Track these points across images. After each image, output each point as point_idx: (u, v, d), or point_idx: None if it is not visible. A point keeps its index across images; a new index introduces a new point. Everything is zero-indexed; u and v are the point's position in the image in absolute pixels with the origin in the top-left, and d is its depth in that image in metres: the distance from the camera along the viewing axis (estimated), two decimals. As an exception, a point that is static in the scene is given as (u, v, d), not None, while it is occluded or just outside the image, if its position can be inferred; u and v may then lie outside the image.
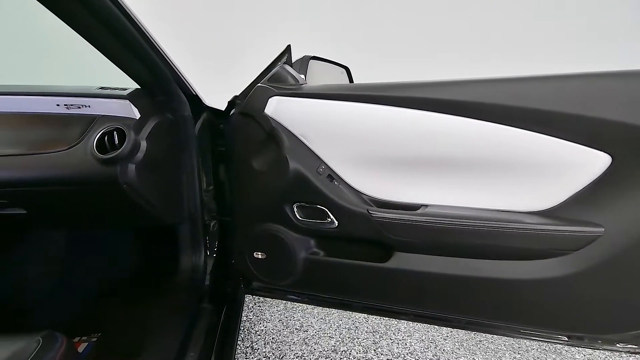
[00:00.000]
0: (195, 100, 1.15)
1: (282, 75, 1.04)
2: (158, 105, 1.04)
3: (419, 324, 1.52)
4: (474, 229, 0.88)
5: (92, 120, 0.95)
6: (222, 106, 1.24)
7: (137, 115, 0.97)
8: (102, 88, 0.99)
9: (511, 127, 0.82)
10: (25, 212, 1.00)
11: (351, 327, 1.57)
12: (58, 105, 0.97)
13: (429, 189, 0.99)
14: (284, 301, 1.70)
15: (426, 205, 0.98)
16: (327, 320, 1.61)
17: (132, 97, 0.97)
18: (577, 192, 0.84)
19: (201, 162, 1.19)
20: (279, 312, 1.67)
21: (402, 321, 1.56)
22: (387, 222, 0.97)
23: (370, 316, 1.60)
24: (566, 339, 0.97)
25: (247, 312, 1.66)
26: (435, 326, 1.51)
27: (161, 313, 1.11)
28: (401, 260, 1.01)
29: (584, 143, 0.79)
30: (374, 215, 0.98)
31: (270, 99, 1.00)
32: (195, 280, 1.23)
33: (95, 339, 1.19)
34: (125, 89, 0.99)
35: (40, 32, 1.72)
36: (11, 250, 1.28)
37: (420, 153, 0.94)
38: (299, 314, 1.66)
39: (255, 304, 1.75)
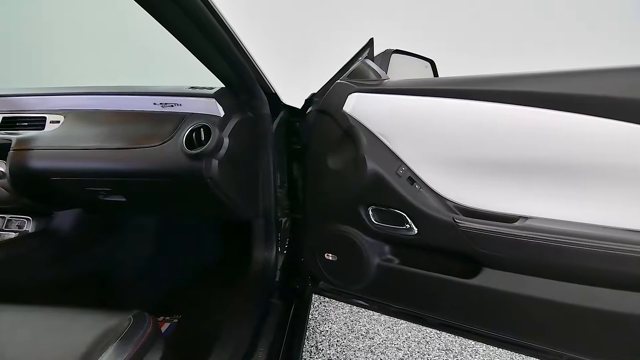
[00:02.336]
0: (274, 98, 1.16)
1: (363, 70, 0.99)
2: (240, 103, 1.07)
3: (502, 350, 1.35)
4: (592, 251, 0.73)
5: (182, 118, 1.01)
6: (298, 104, 1.24)
7: (222, 113, 1.01)
8: (192, 87, 1.05)
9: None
10: (124, 199, 1.12)
11: (421, 340, 1.46)
12: (155, 104, 1.05)
13: (530, 199, 0.85)
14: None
15: (526, 218, 0.84)
16: (394, 330, 1.52)
17: (218, 95, 1.01)
18: None
19: (276, 159, 1.21)
20: (345, 315, 1.64)
21: (482, 344, 1.40)
22: (477, 233, 0.86)
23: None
24: None
25: (313, 311, 1.66)
26: (523, 355, 1.33)
27: (235, 303, 1.15)
28: (491, 278, 0.88)
29: None
30: (461, 224, 0.87)
31: (349, 96, 0.96)
32: (267, 275, 1.25)
33: (176, 320, 1.29)
34: (212, 88, 1.03)
35: (147, 38, 1.93)
36: (112, 233, 1.45)
37: (519, 155, 0.81)
38: (365, 319, 1.61)
39: (320, 303, 1.74)
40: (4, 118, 1.11)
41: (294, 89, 1.29)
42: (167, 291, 1.43)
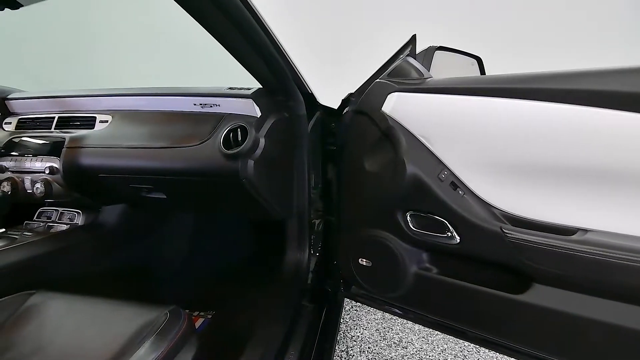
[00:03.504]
0: (310, 98, 1.14)
1: (404, 68, 0.94)
2: (277, 104, 1.06)
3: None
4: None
5: (220, 118, 1.02)
6: (333, 104, 1.22)
7: (258, 114, 1.01)
8: (230, 88, 1.06)
9: None
10: (165, 196, 1.15)
11: (458, 354, 1.38)
12: (195, 104, 1.08)
13: (591, 209, 0.76)
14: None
15: (586, 230, 0.76)
16: (429, 341, 1.46)
17: (255, 96, 1.01)
18: None
19: (311, 160, 1.19)
20: (377, 321, 1.59)
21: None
22: (528, 245, 0.78)
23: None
24: None
25: (344, 315, 1.63)
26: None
27: (267, 303, 1.15)
28: (543, 295, 0.81)
29: None
30: (510, 235, 0.80)
31: (389, 96, 0.91)
32: (298, 276, 1.24)
33: (210, 316, 1.32)
34: (249, 89, 1.04)
35: (189, 41, 2.00)
36: (153, 228, 1.51)
37: (579, 160, 0.73)
38: (398, 327, 1.55)
39: (352, 307, 1.71)
40: (59, 118, 1.18)
41: (328, 89, 1.27)
42: (201, 287, 1.47)
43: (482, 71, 1.20)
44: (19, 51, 2.23)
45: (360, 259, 1.08)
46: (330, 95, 1.25)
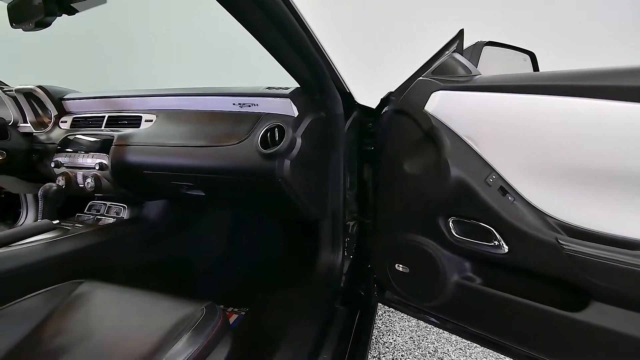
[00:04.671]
0: (347, 98, 1.12)
1: (450, 65, 0.89)
2: (314, 103, 1.05)
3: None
4: None
5: (258, 118, 1.03)
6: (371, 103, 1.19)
7: (296, 113, 1.00)
8: (268, 88, 1.06)
9: None
10: (203, 194, 1.18)
11: (499, 370, 1.30)
12: (234, 104, 1.09)
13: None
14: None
15: None
16: (467, 353, 1.38)
17: (293, 95, 1.00)
18: None
19: (347, 160, 1.17)
20: (411, 329, 1.54)
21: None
22: (587, 259, 0.71)
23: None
24: None
25: (376, 319, 1.59)
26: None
27: (300, 303, 1.15)
28: (604, 315, 0.73)
29: None
30: (566, 247, 0.73)
31: (433, 94, 0.87)
32: (331, 278, 1.22)
33: (243, 313, 1.34)
34: (287, 88, 1.03)
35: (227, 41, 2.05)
36: (191, 224, 1.56)
37: None
38: (433, 336, 1.48)
39: (384, 312, 1.66)
40: (109, 117, 1.25)
41: (362, 88, 1.24)
42: (235, 283, 1.49)
43: (536, 67, 1.11)
44: (73, 54, 2.41)
45: (396, 265, 1.04)
46: (367, 94, 1.23)
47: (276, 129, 0.97)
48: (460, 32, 0.91)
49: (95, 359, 0.61)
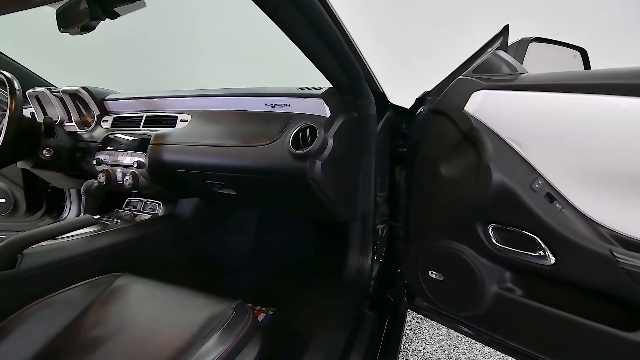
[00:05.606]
0: (380, 97, 1.09)
1: (493, 63, 0.84)
2: (347, 103, 1.03)
3: None
4: None
5: (290, 118, 1.02)
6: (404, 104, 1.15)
7: (328, 114, 0.98)
8: (301, 88, 1.05)
9: None
10: (234, 193, 1.19)
11: (538, 387, 1.22)
12: (266, 104, 1.09)
13: None
14: (448, 326, 1.50)
15: None
16: (503, 367, 1.31)
17: (325, 96, 0.99)
18: None
19: (379, 162, 1.14)
20: (441, 337, 1.48)
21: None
22: None
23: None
24: None
25: (405, 326, 1.55)
26: None
27: (328, 306, 1.13)
28: None
29: None
30: (622, 260, 0.67)
31: (474, 94, 0.82)
32: (360, 282, 1.19)
33: (271, 313, 1.34)
34: (320, 88, 1.02)
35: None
36: (222, 222, 1.59)
37: None
38: (465, 346, 1.42)
39: (412, 318, 1.62)
40: (146, 117, 1.29)
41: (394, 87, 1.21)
42: (263, 282, 1.50)
43: (587, 65, 1.03)
44: (114, 56, 2.53)
45: (430, 271, 1.00)
46: (399, 94, 1.19)
47: (308, 130, 0.96)
48: (505, 28, 0.85)
49: (130, 352, 0.63)
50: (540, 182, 0.76)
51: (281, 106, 1.06)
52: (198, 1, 2.38)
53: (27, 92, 1.40)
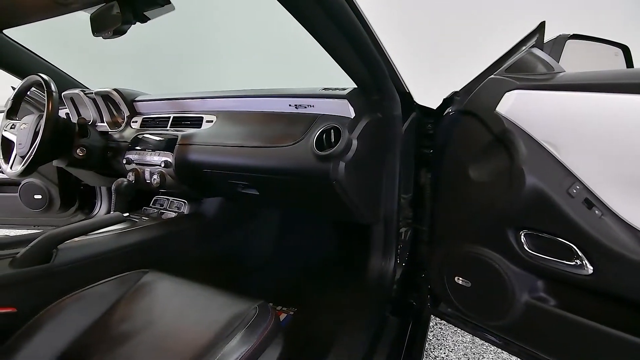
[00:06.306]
0: (406, 98, 1.07)
1: (528, 62, 0.80)
2: (371, 104, 1.01)
3: None
4: None
5: (314, 119, 1.02)
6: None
7: (352, 115, 0.97)
8: (325, 89, 1.04)
9: None
10: (257, 193, 1.20)
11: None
12: (290, 105, 1.09)
13: None
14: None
15: None
16: (531, 379, 1.25)
17: (350, 96, 0.98)
18: None
19: (403, 164, 1.11)
20: (465, 345, 1.43)
21: None
22: None
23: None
24: None
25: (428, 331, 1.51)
26: None
27: (350, 308, 1.12)
28: None
29: None
30: (671, 272, 0.62)
31: (506, 94, 0.79)
32: (383, 286, 1.17)
33: (292, 313, 1.34)
34: (344, 89, 1.01)
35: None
36: (245, 221, 1.61)
37: None
38: (490, 355, 1.37)
39: (435, 324, 1.57)
40: (173, 117, 1.33)
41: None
42: (284, 282, 1.50)
43: (630, 63, 0.97)
44: (142, 59, 2.62)
45: (456, 277, 0.97)
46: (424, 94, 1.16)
47: (332, 131, 0.95)
48: (541, 25, 0.81)
49: (157, 347, 0.65)
50: (577, 187, 0.72)
51: (305, 107, 1.06)
52: (218, 3, 2.42)
53: (62, 93, 1.47)
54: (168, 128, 1.32)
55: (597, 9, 1.81)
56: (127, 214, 1.26)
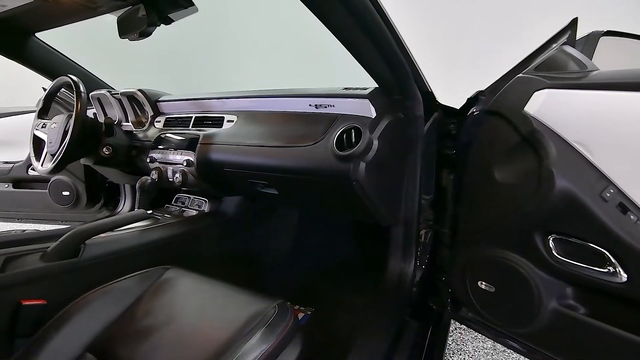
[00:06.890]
0: (428, 97, 1.05)
1: (559, 60, 0.77)
2: (393, 104, 1.00)
3: None
4: None
5: (334, 119, 1.01)
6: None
7: (373, 114, 0.96)
8: (346, 88, 1.04)
9: None
10: (276, 192, 1.21)
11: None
12: (310, 105, 1.09)
13: None
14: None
15: None
16: (556, 389, 1.20)
17: (371, 96, 0.97)
18: None
19: (425, 164, 1.10)
20: (486, 351, 1.39)
21: None
22: None
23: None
24: None
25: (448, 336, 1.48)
26: None
27: (368, 310, 1.11)
28: None
29: None
30: None
31: (535, 94, 0.76)
32: (402, 288, 1.16)
33: (309, 313, 1.34)
34: (365, 89, 1.00)
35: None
36: (264, 220, 1.62)
37: None
38: (512, 363, 1.33)
39: (455, 328, 1.54)
40: (195, 117, 1.35)
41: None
42: (302, 282, 1.51)
43: (670, 60, 0.92)
44: (164, 61, 2.68)
45: (479, 282, 0.94)
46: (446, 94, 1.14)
47: (352, 131, 0.94)
48: (573, 22, 0.78)
49: (178, 343, 0.66)
50: (611, 191, 0.69)
51: (325, 107, 1.06)
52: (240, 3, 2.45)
53: (90, 94, 1.52)
54: (190, 128, 1.35)
55: (629, 6, 1.73)
56: (150, 211, 1.29)
